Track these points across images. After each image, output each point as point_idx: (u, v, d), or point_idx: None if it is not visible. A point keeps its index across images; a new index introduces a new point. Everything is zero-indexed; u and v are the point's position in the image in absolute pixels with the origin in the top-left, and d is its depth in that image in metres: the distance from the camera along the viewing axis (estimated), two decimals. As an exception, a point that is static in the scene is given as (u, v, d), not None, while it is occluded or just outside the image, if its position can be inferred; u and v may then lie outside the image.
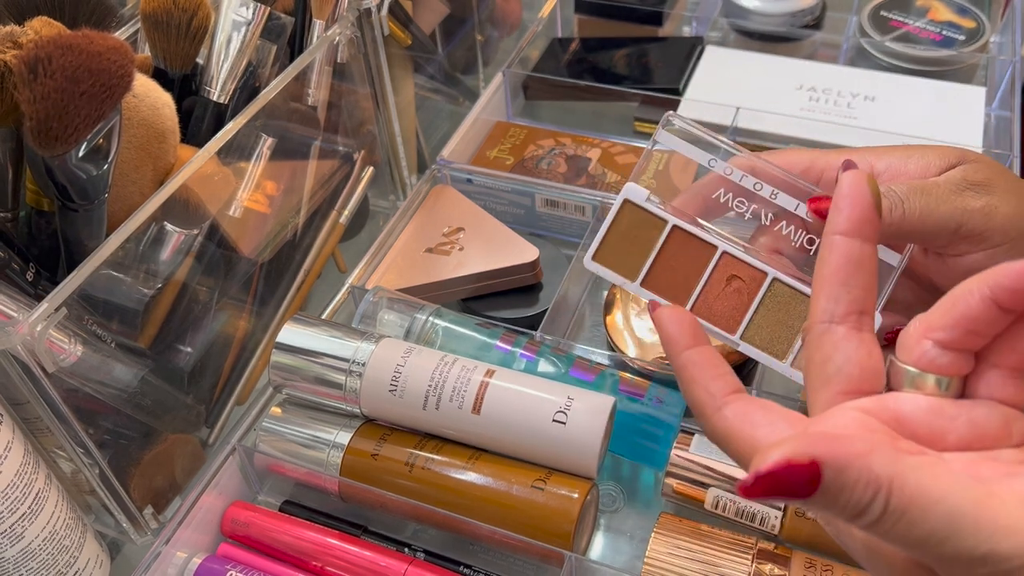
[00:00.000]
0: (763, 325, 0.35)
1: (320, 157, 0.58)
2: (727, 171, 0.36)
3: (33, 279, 0.40)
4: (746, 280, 0.35)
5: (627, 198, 0.36)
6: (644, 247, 0.36)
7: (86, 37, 0.37)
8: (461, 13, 0.74)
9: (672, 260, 0.36)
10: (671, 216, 0.36)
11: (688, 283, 0.35)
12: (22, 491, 0.39)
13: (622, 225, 0.36)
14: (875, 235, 0.28)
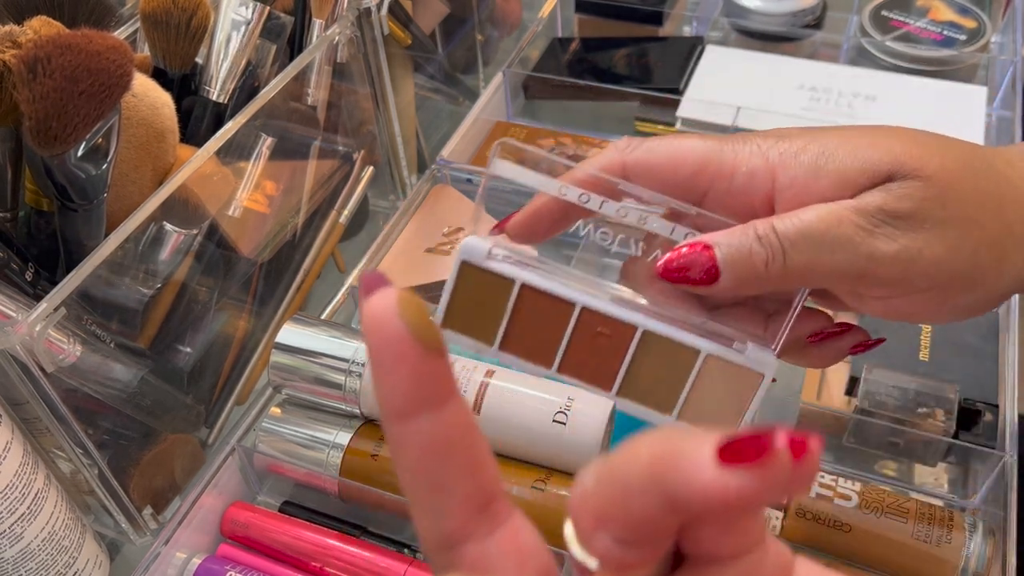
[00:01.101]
0: (641, 378, 0.30)
1: (320, 157, 0.58)
2: (582, 199, 0.29)
3: (32, 279, 0.40)
4: (613, 335, 0.30)
5: (464, 259, 0.30)
6: (495, 309, 0.30)
7: (85, 36, 0.37)
8: (461, 13, 0.74)
9: (529, 320, 0.30)
10: (518, 273, 0.30)
11: (550, 343, 0.30)
12: (21, 491, 0.39)
13: (467, 286, 0.30)
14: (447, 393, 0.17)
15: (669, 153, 0.29)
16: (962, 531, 0.41)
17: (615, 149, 0.30)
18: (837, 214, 0.27)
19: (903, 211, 0.27)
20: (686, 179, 0.29)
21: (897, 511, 0.42)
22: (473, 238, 0.30)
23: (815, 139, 0.28)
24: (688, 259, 0.28)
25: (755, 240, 0.27)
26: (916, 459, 0.48)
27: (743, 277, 0.27)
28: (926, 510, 0.42)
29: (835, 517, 0.42)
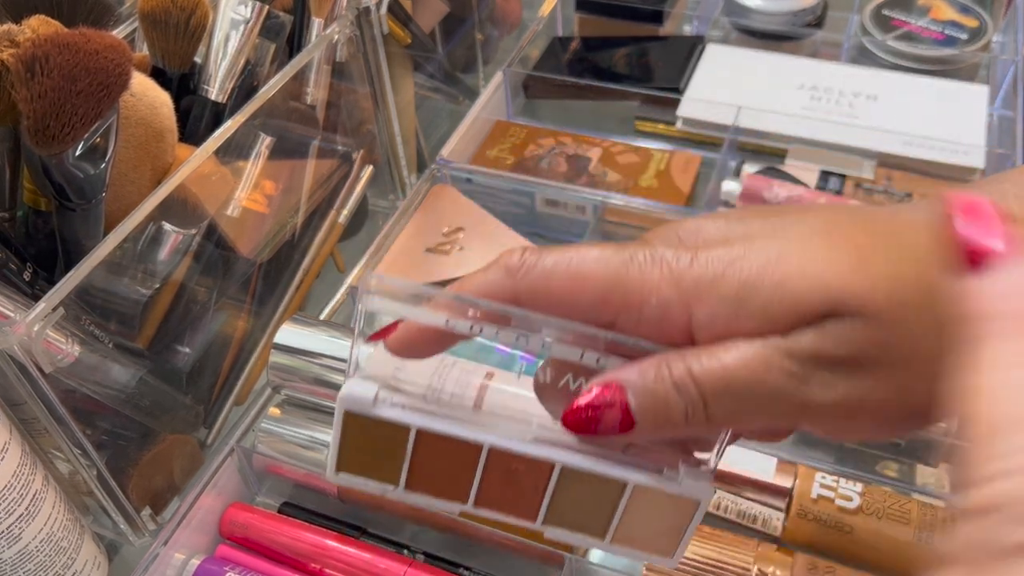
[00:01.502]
0: (566, 510, 0.27)
1: (319, 156, 0.58)
2: (474, 330, 0.26)
3: (31, 279, 0.40)
4: (529, 471, 0.27)
5: (347, 409, 0.27)
6: (393, 453, 0.27)
7: (83, 36, 0.37)
8: (461, 12, 0.74)
9: (433, 461, 0.27)
10: (412, 418, 0.27)
11: (462, 482, 0.27)
12: (19, 492, 0.39)
13: (356, 434, 0.27)
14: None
15: (565, 281, 0.24)
16: (964, 532, 0.41)
17: (505, 272, 0.25)
18: (765, 359, 0.22)
19: (841, 357, 0.22)
20: (588, 309, 0.24)
21: (899, 512, 0.42)
22: (354, 383, 0.27)
23: (736, 261, 0.23)
24: (597, 411, 0.24)
25: (671, 389, 0.23)
26: (918, 460, 0.48)
27: (661, 427, 0.24)
28: (928, 511, 0.42)
29: (837, 518, 0.42)
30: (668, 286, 0.23)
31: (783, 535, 0.43)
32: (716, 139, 0.68)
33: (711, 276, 0.23)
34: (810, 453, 0.50)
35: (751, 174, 0.63)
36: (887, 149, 0.65)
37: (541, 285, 0.25)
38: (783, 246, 0.23)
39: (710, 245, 0.24)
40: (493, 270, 0.25)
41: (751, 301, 0.22)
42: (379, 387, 0.27)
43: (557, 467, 0.26)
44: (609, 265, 0.24)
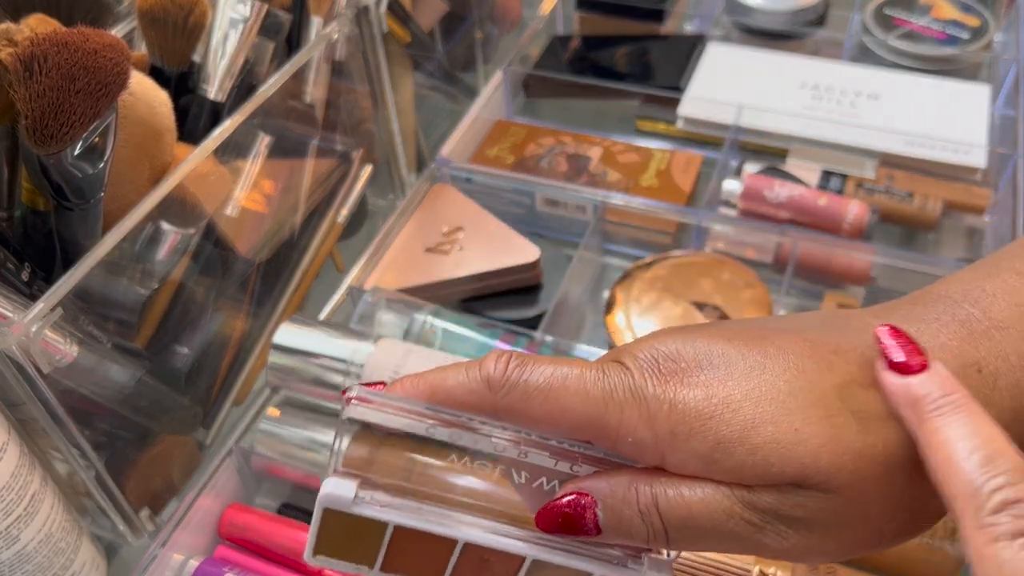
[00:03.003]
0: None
1: (318, 156, 0.58)
2: (453, 437, 0.27)
3: (29, 279, 0.40)
4: (501, 563, 0.29)
5: (326, 507, 0.28)
6: (370, 543, 0.29)
7: (82, 34, 0.37)
8: (461, 10, 0.74)
9: (409, 552, 0.29)
10: (390, 516, 0.28)
11: (435, 567, 0.29)
12: (18, 493, 0.39)
13: (335, 526, 0.29)
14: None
15: (544, 410, 0.26)
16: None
17: (487, 385, 0.26)
18: (727, 509, 0.24)
19: (797, 517, 0.24)
20: (565, 434, 0.26)
21: (900, 513, 0.42)
22: (334, 481, 0.28)
23: (713, 419, 0.24)
24: (568, 517, 0.26)
25: (636, 514, 0.25)
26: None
27: (624, 539, 0.26)
28: (929, 512, 0.42)
29: (837, 519, 0.42)
30: (644, 429, 0.25)
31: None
32: (717, 138, 0.68)
33: (687, 431, 0.24)
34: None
35: (752, 174, 0.63)
36: (889, 148, 0.65)
37: (520, 408, 0.26)
38: (761, 410, 0.24)
39: (688, 381, 0.25)
40: (474, 378, 0.26)
41: (724, 461, 0.24)
42: (358, 485, 0.28)
43: (528, 560, 0.28)
44: (588, 401, 0.25)
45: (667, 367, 0.25)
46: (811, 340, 0.25)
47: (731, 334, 0.26)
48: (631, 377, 0.25)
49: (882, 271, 0.57)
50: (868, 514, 0.24)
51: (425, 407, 0.27)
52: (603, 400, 0.25)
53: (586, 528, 0.26)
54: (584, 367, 0.25)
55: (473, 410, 0.27)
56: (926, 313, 0.25)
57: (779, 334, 0.25)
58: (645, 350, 0.25)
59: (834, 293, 0.57)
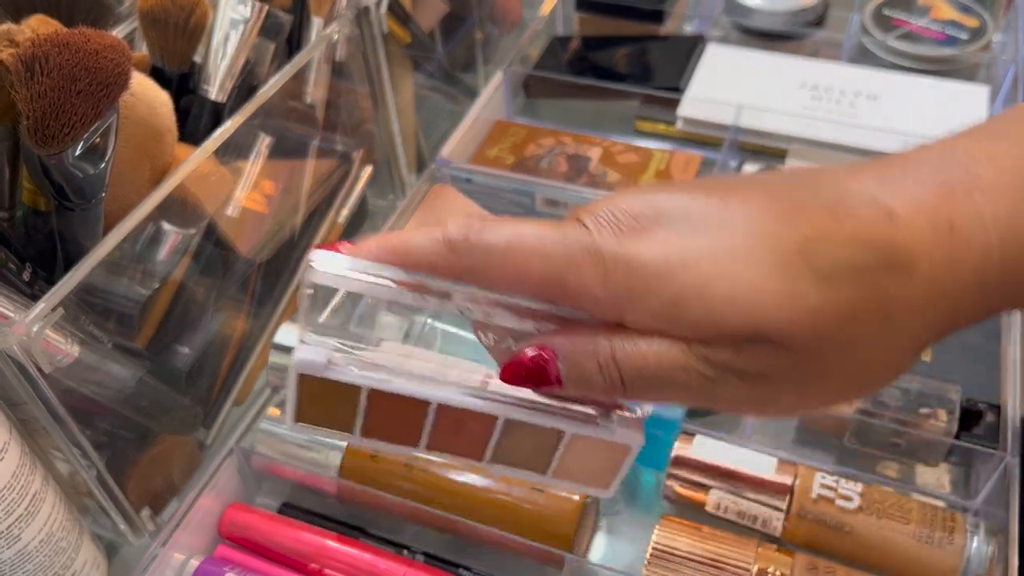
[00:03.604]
0: (510, 451, 0.30)
1: (318, 156, 0.58)
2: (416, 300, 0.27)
3: (30, 279, 0.40)
4: (475, 421, 0.29)
5: (301, 372, 0.28)
6: (348, 407, 0.29)
7: (83, 35, 0.37)
8: (461, 11, 0.74)
9: (386, 414, 0.29)
10: (363, 379, 0.28)
11: (413, 429, 0.30)
12: (19, 493, 0.39)
13: (311, 391, 0.29)
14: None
15: (504, 270, 0.26)
16: (964, 533, 0.41)
17: (447, 247, 0.26)
18: (682, 363, 0.24)
19: (752, 372, 0.24)
20: (525, 293, 0.26)
21: (899, 512, 0.42)
22: (304, 349, 0.28)
23: (670, 276, 0.24)
24: (531, 371, 0.26)
25: (595, 366, 0.25)
26: (918, 460, 0.48)
27: (585, 390, 0.26)
28: (928, 511, 0.42)
29: (837, 519, 0.42)
30: (602, 287, 0.24)
31: (783, 535, 0.43)
32: (716, 139, 0.68)
33: (643, 289, 0.24)
34: (810, 453, 0.50)
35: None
36: (888, 149, 0.65)
37: (480, 269, 0.26)
38: (718, 266, 0.23)
39: (646, 237, 0.24)
40: (436, 240, 0.26)
41: (680, 318, 0.24)
42: (331, 350, 0.28)
43: (500, 419, 0.28)
44: (547, 260, 0.25)
45: (626, 224, 0.25)
46: (776, 194, 0.25)
47: (696, 188, 0.25)
48: (589, 235, 0.25)
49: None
50: (826, 371, 0.24)
51: (389, 270, 0.27)
52: (561, 259, 0.25)
53: (549, 380, 0.26)
54: (544, 227, 0.25)
55: (436, 273, 0.26)
56: (905, 171, 0.25)
57: (744, 187, 0.25)
58: (605, 208, 0.25)
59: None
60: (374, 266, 0.27)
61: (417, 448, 0.30)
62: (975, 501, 0.45)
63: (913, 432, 0.47)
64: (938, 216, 0.24)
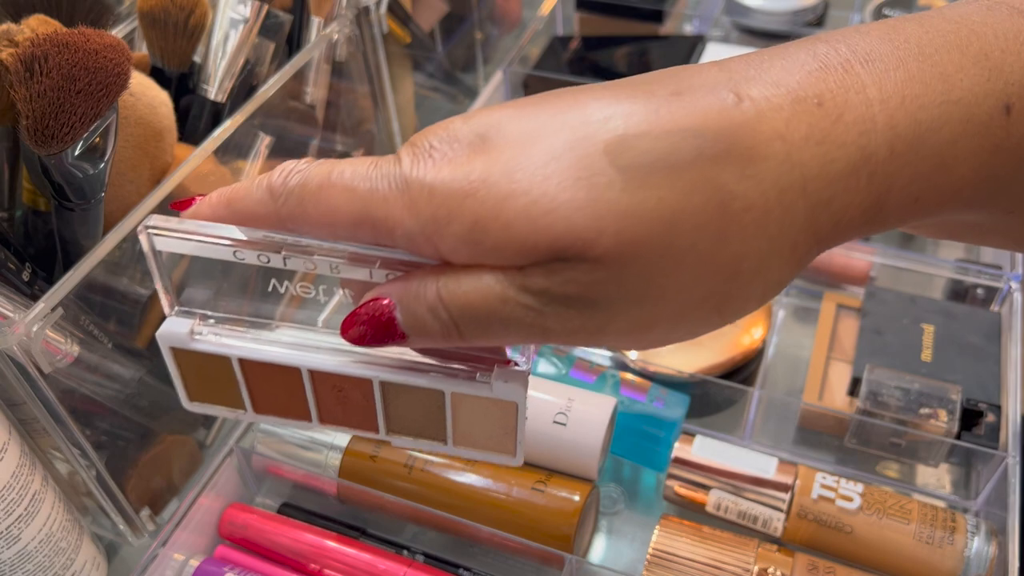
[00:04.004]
0: (403, 418, 0.28)
1: (318, 156, 0.58)
2: (262, 259, 0.26)
3: (29, 279, 0.40)
4: (354, 388, 0.28)
5: (170, 346, 0.27)
6: (228, 380, 0.28)
7: (83, 35, 0.37)
8: (460, 11, 0.74)
9: (267, 384, 0.28)
10: (229, 347, 0.27)
11: (299, 401, 0.28)
12: (18, 493, 0.39)
13: (189, 365, 0.28)
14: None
15: (319, 214, 0.24)
16: (964, 533, 0.41)
17: (269, 194, 0.25)
18: (500, 294, 0.22)
19: (570, 295, 0.21)
20: (347, 235, 0.24)
21: (899, 513, 0.42)
22: (171, 321, 0.27)
23: (469, 197, 0.22)
24: (367, 325, 0.24)
25: (426, 311, 0.23)
26: (918, 460, 0.48)
27: (428, 341, 0.24)
28: (928, 512, 0.42)
29: (837, 519, 0.42)
30: (410, 218, 0.23)
31: (783, 535, 0.43)
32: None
33: (446, 214, 0.22)
34: (811, 453, 0.50)
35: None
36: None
37: (299, 214, 0.24)
38: (516, 180, 0.21)
39: (454, 160, 0.22)
40: (260, 188, 0.25)
41: (483, 242, 0.22)
42: (195, 320, 0.28)
43: (375, 382, 0.27)
44: (355, 197, 0.23)
45: (440, 150, 0.23)
46: (618, 93, 0.22)
47: (537, 100, 0.23)
48: (399, 166, 0.23)
49: (881, 271, 0.57)
50: (656, 287, 0.21)
51: (221, 230, 0.26)
52: (368, 194, 0.23)
53: (389, 333, 0.24)
54: (359, 163, 0.24)
55: (266, 225, 0.25)
56: (781, 53, 0.22)
57: (593, 90, 0.22)
58: (428, 135, 0.23)
59: (833, 292, 0.57)
60: (209, 225, 0.26)
61: (311, 423, 0.28)
62: (976, 501, 0.45)
63: (914, 432, 0.47)
64: (803, 92, 0.21)
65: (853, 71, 0.21)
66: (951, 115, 0.21)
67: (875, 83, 0.21)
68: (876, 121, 0.21)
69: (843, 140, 0.21)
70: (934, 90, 0.21)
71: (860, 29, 0.22)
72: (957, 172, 0.21)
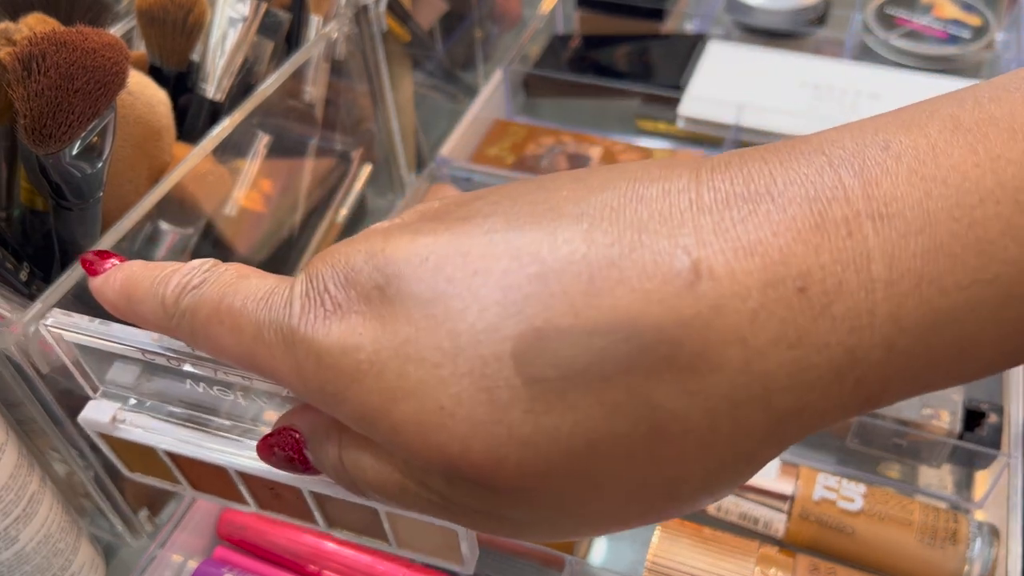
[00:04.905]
0: (342, 520, 0.27)
1: (317, 155, 0.58)
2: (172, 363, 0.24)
3: (27, 279, 0.40)
4: (287, 489, 0.26)
5: (100, 431, 0.26)
6: (159, 462, 0.27)
7: (81, 34, 0.37)
8: (460, 9, 0.74)
9: (200, 471, 0.27)
10: (154, 439, 0.26)
11: (233, 491, 0.27)
12: (16, 494, 0.39)
13: (120, 446, 0.27)
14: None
15: (209, 348, 0.21)
16: (966, 534, 0.41)
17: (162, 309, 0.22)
18: (398, 483, 0.19)
19: (475, 508, 0.18)
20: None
21: (901, 514, 0.42)
22: (93, 406, 0.26)
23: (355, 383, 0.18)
24: (281, 457, 0.22)
25: (331, 469, 0.21)
26: (920, 460, 0.48)
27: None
28: (930, 513, 0.42)
29: (839, 520, 0.42)
30: (296, 381, 0.19)
31: (785, 537, 0.43)
32: (718, 138, 0.68)
33: (334, 392, 0.19)
34: (812, 454, 0.50)
35: (753, 173, 0.63)
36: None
37: (190, 342, 0.22)
38: (406, 375, 0.17)
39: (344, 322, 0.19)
40: (154, 296, 0.22)
41: (374, 435, 0.19)
42: (119, 405, 0.26)
43: (305, 492, 0.25)
44: (241, 340, 0.20)
45: (334, 298, 0.19)
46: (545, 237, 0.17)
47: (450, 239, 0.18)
48: (288, 311, 0.19)
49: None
50: (571, 511, 0.18)
51: (125, 334, 0.24)
52: (253, 341, 0.20)
53: (303, 468, 0.22)
54: (254, 289, 0.20)
55: (160, 332, 0.23)
56: (774, 180, 0.16)
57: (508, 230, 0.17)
58: (326, 268, 0.19)
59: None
60: (112, 329, 0.24)
61: (251, 508, 0.27)
62: (978, 502, 0.45)
63: (916, 433, 0.46)
64: (783, 269, 0.15)
65: (860, 232, 0.15)
66: (982, 299, 0.15)
67: (884, 255, 0.15)
68: (875, 314, 0.15)
69: (825, 341, 0.15)
70: (965, 266, 0.15)
71: (891, 147, 0.16)
72: (979, 358, 0.16)
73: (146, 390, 0.26)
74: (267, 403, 0.25)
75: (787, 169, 0.16)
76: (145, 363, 0.24)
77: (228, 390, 0.24)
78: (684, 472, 0.17)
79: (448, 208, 0.19)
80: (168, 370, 0.24)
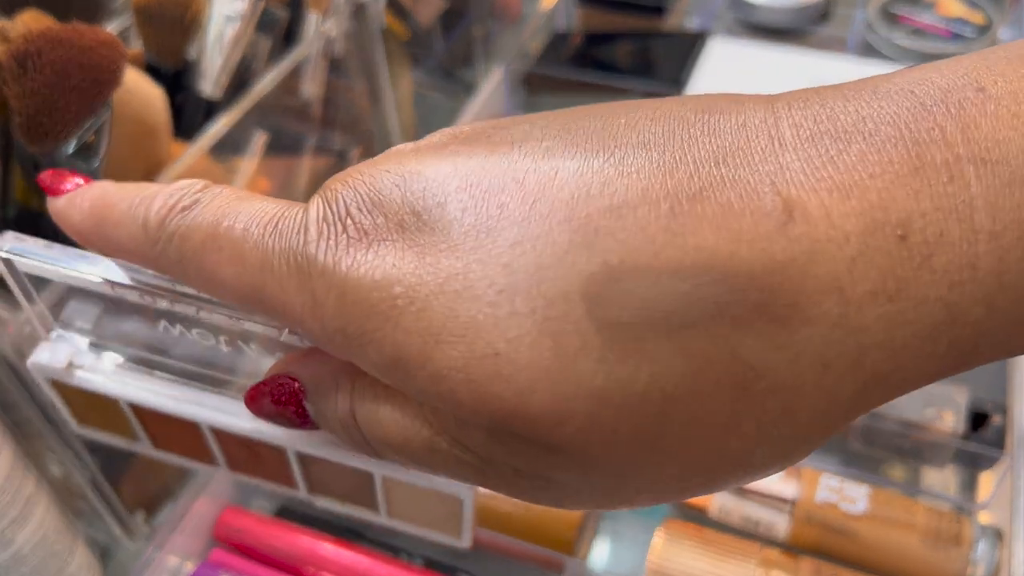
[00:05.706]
0: (326, 483, 0.24)
1: (315, 153, 0.58)
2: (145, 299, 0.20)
3: (22, 279, 0.39)
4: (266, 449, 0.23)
5: (51, 378, 0.23)
6: (118, 415, 0.24)
7: (76, 31, 0.36)
8: (460, 6, 0.74)
9: (164, 426, 0.24)
10: (117, 389, 0.22)
11: (203, 449, 0.24)
12: (12, 496, 0.38)
13: (72, 393, 0.24)
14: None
15: (201, 279, 0.18)
16: (970, 536, 0.41)
17: (144, 233, 0.19)
18: (427, 440, 0.17)
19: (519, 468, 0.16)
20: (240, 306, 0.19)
21: (905, 516, 0.41)
22: (45, 347, 0.23)
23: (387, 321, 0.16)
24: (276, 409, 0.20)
25: (339, 425, 0.19)
26: (924, 462, 0.47)
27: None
28: (934, 515, 0.42)
29: (842, 522, 0.42)
30: (311, 319, 0.17)
31: (787, 539, 0.43)
32: (719, 136, 0.68)
33: (359, 333, 0.16)
34: (815, 455, 0.49)
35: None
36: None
37: (178, 272, 0.19)
38: (455, 313, 0.15)
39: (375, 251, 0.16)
40: (134, 219, 0.19)
41: (406, 384, 0.16)
42: (75, 349, 0.23)
43: (289, 453, 0.23)
44: (244, 270, 0.17)
45: (359, 224, 0.16)
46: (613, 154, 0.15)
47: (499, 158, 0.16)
48: (303, 236, 0.17)
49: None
50: (632, 483, 0.16)
51: (92, 264, 0.20)
52: (259, 272, 0.17)
53: (300, 422, 0.20)
54: (260, 212, 0.18)
55: (141, 264, 0.20)
56: (862, 119, 0.14)
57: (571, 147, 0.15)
58: (345, 190, 0.17)
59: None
60: (77, 256, 0.21)
61: (219, 468, 0.25)
62: (982, 504, 0.45)
63: (919, 434, 0.46)
64: (883, 212, 0.14)
65: (962, 178, 0.14)
66: None
67: (988, 204, 0.13)
68: (977, 268, 0.14)
69: (924, 295, 0.14)
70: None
71: (987, 89, 0.14)
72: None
73: (109, 332, 0.22)
74: (253, 349, 0.21)
75: (875, 108, 0.15)
76: (110, 299, 0.21)
77: (209, 334, 0.21)
78: (759, 441, 0.15)
79: (486, 131, 0.17)
80: (137, 309, 0.21)
